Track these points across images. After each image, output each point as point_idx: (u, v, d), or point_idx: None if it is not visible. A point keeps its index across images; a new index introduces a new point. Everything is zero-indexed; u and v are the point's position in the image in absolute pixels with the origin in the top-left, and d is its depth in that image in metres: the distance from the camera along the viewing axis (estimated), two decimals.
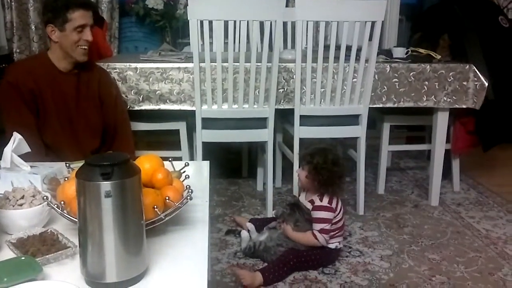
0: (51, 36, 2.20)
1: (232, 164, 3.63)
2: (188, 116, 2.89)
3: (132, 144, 2.54)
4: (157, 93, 2.65)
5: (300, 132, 2.73)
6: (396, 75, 2.75)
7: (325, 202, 2.27)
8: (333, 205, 2.27)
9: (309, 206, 2.29)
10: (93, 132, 2.36)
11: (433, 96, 2.80)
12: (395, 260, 2.36)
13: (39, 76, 2.20)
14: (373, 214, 2.91)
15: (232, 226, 2.69)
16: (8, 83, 2.18)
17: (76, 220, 1.07)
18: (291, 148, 2.82)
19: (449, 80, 2.79)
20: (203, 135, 2.67)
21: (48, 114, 2.22)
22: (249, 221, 2.59)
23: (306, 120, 2.72)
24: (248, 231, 2.50)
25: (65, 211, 1.14)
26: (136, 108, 2.67)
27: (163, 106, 2.67)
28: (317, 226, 2.24)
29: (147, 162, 1.28)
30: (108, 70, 2.61)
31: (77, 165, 1.36)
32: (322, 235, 2.23)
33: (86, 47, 2.21)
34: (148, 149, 2.91)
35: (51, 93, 2.22)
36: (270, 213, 2.78)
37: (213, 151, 2.69)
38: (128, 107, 2.65)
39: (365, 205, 2.91)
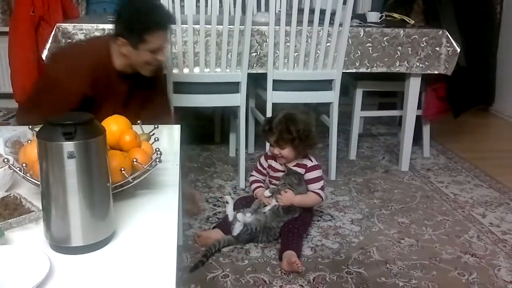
0: (119, 48, 1.94)
1: (205, 130, 3.59)
2: None
3: (169, 106, 2.36)
4: None
5: (273, 97, 2.70)
6: (370, 39, 2.73)
7: (314, 161, 2.33)
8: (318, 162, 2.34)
9: (300, 170, 2.28)
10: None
11: (405, 62, 2.80)
12: (365, 223, 2.40)
13: (96, 80, 1.97)
14: (345, 179, 2.93)
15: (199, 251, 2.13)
16: (65, 75, 1.93)
17: (38, 183, 1.04)
18: (263, 113, 2.79)
19: (422, 45, 2.79)
20: (174, 100, 2.62)
21: (99, 112, 2.01)
22: (235, 206, 2.29)
23: (279, 84, 2.69)
24: (227, 203, 2.29)
25: (27, 174, 1.10)
26: None
27: None
28: (318, 185, 2.27)
29: (114, 123, 1.24)
30: (73, 31, 2.51)
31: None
32: (324, 192, 2.29)
33: (155, 66, 2.01)
34: None
35: (105, 94, 2.00)
36: (243, 179, 2.77)
37: (185, 117, 2.65)
38: None
39: (337, 170, 2.93)
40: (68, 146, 0.90)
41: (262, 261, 2.06)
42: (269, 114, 2.70)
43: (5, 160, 1.15)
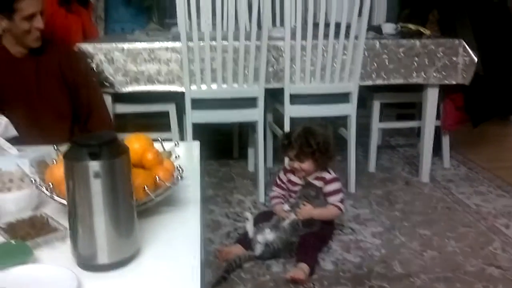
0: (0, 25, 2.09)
1: (223, 145, 3.61)
2: (177, 97, 2.86)
3: (109, 122, 2.43)
4: (145, 74, 2.61)
5: (291, 111, 2.71)
6: (386, 51, 2.74)
7: (333, 174, 2.33)
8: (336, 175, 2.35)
9: (318, 183, 2.28)
10: (60, 116, 2.25)
11: (422, 72, 2.79)
12: (387, 236, 2.38)
13: None
14: (364, 192, 2.91)
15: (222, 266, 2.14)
16: None
17: (65, 202, 1.06)
18: (281, 127, 2.81)
19: (439, 55, 2.78)
20: (193, 116, 2.65)
21: (9, 103, 2.10)
22: (255, 221, 2.27)
23: (297, 98, 2.70)
24: (248, 220, 2.26)
25: (54, 194, 1.12)
26: (124, 90, 2.63)
27: (151, 88, 2.64)
28: (337, 197, 2.28)
29: (136, 142, 1.26)
30: (94, 52, 2.56)
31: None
32: (343, 204, 2.30)
33: (38, 33, 2.10)
34: (137, 132, 2.87)
35: (9, 81, 2.13)
36: (262, 193, 2.78)
37: (203, 132, 2.67)
38: (116, 89, 2.62)
39: (356, 183, 2.92)
40: (94, 165, 0.92)
41: (284, 276, 2.05)
42: (287, 128, 2.71)
43: (33, 180, 1.18)
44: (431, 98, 2.93)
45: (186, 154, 1.74)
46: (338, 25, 2.57)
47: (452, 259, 2.18)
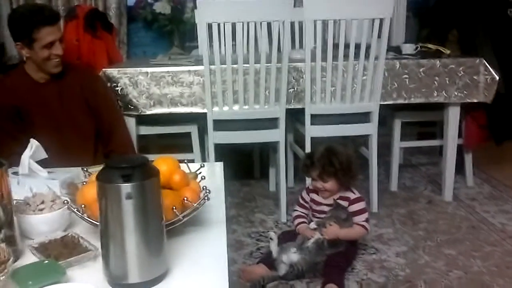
0: (21, 53, 2.18)
1: (244, 165, 3.64)
2: (199, 119, 2.90)
3: (130, 144, 2.49)
4: (168, 96, 2.66)
5: (311, 131, 2.73)
6: (406, 71, 2.75)
7: (357, 193, 2.34)
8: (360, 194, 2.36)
9: (343, 203, 2.29)
10: (84, 138, 2.32)
11: (444, 91, 2.79)
12: (411, 256, 2.36)
13: (20, 90, 2.20)
14: (387, 211, 2.90)
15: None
16: None
17: (97, 223, 1.09)
18: (302, 147, 2.82)
19: (460, 74, 2.78)
20: (215, 137, 2.69)
21: (34, 127, 2.20)
22: (278, 239, 2.26)
23: (317, 119, 2.72)
24: (272, 239, 2.22)
25: (85, 215, 1.15)
26: (148, 112, 2.68)
27: (174, 110, 2.69)
28: (362, 217, 2.27)
29: (163, 164, 1.29)
30: (118, 75, 2.63)
31: (95, 169, 1.38)
32: (368, 224, 2.29)
33: (58, 60, 2.18)
34: (159, 152, 2.93)
35: (34, 105, 2.21)
36: (284, 213, 2.79)
37: (224, 153, 2.71)
38: (140, 111, 2.67)
39: (379, 202, 2.91)
40: (126, 187, 0.95)
41: None
42: (308, 148, 2.73)
43: (65, 201, 1.22)
44: (453, 116, 2.92)
45: (210, 175, 1.77)
46: (357, 46, 2.60)
47: (479, 279, 2.15)
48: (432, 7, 3.91)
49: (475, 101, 2.84)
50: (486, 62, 2.78)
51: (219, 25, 2.54)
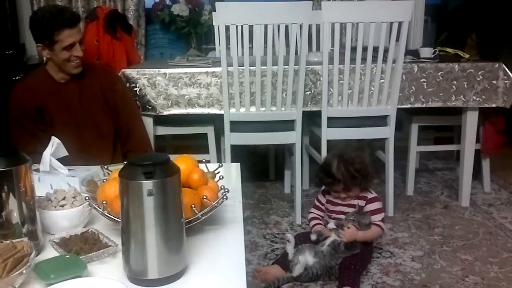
0: (41, 54, 2.22)
1: (259, 167, 3.65)
2: (215, 120, 2.92)
3: (148, 144, 2.51)
4: (185, 97, 2.69)
5: (328, 134, 2.73)
6: (424, 75, 2.74)
7: (374, 193, 2.36)
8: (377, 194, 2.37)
9: (360, 202, 2.31)
10: (103, 138, 2.35)
11: (462, 96, 2.78)
12: (427, 260, 2.35)
13: (40, 90, 2.23)
14: (403, 215, 2.89)
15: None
16: (13, 105, 2.23)
17: (117, 219, 1.11)
18: (318, 150, 2.82)
19: (478, 79, 2.76)
20: (232, 138, 2.70)
21: (55, 126, 2.23)
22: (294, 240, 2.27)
23: (334, 121, 2.72)
24: (289, 241, 2.23)
25: (106, 211, 1.17)
26: (165, 113, 2.71)
27: (191, 111, 2.71)
28: (379, 217, 2.28)
29: (182, 163, 1.30)
30: (137, 76, 2.66)
31: (115, 167, 1.40)
32: (384, 224, 2.31)
33: (78, 61, 2.21)
34: (176, 153, 2.95)
35: (55, 105, 2.24)
36: (299, 215, 2.79)
37: (240, 154, 2.72)
38: (157, 112, 2.70)
39: (395, 206, 2.89)
40: (148, 184, 0.96)
41: None
42: (324, 151, 2.72)
43: (86, 198, 1.24)
44: (471, 121, 2.90)
45: (227, 175, 1.78)
46: (375, 49, 2.60)
47: (496, 285, 2.12)
48: (451, 11, 3.89)
49: (494, 106, 2.82)
50: (505, 67, 2.76)
51: (237, 27, 2.55)
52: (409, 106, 2.78)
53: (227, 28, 2.52)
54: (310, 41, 3.41)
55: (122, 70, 2.69)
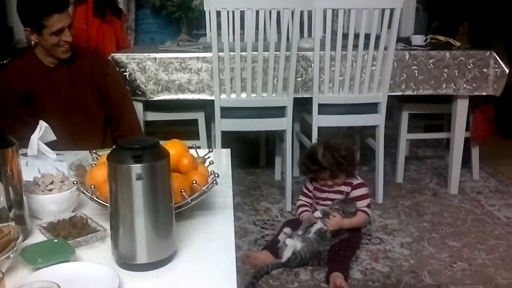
0: (30, 38, 2.18)
1: (250, 154, 3.64)
2: (206, 106, 2.90)
3: (138, 127, 2.48)
4: (176, 83, 2.66)
5: (319, 120, 2.73)
6: (415, 62, 2.74)
7: (359, 179, 2.36)
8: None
9: (346, 188, 2.31)
10: (93, 123, 2.32)
11: (452, 84, 2.78)
12: (416, 247, 2.36)
13: (30, 75, 2.20)
14: (392, 202, 2.90)
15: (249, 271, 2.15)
16: (1, 90, 2.19)
17: (106, 204, 1.10)
18: (309, 137, 2.82)
19: (469, 67, 2.76)
20: (222, 124, 2.69)
21: (44, 111, 2.19)
22: (283, 227, 2.32)
23: (325, 108, 2.72)
24: (289, 236, 2.23)
25: (94, 196, 1.16)
26: (155, 98, 2.68)
27: (182, 96, 2.69)
28: (364, 202, 2.29)
29: (172, 147, 1.29)
30: (127, 61, 2.63)
31: (104, 152, 1.38)
32: (370, 210, 2.31)
33: (67, 46, 2.17)
34: (166, 139, 2.92)
35: (44, 89, 2.21)
36: (289, 202, 2.80)
37: (230, 141, 2.70)
38: (147, 97, 2.68)
39: (384, 193, 2.91)
40: (137, 168, 0.95)
41: (312, 284, 2.06)
42: (314, 137, 2.72)
43: (74, 182, 1.22)
44: (461, 109, 2.91)
45: (217, 161, 1.77)
46: (367, 36, 2.59)
47: (483, 271, 2.15)
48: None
49: (484, 94, 2.83)
50: (496, 55, 2.76)
51: (228, 12, 2.53)
52: (400, 93, 2.78)
53: (218, 14, 2.49)
54: (302, 27, 3.39)
55: (112, 54, 2.66)
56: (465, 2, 3.46)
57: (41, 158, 1.53)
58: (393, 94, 2.77)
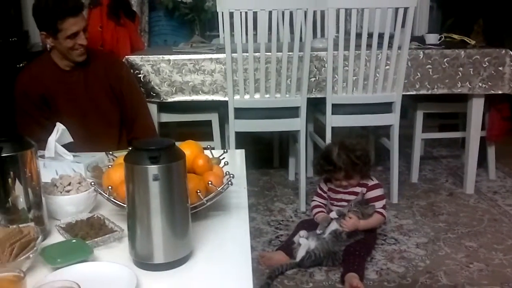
0: (45, 42, 2.21)
1: (263, 154, 3.64)
2: (220, 107, 2.91)
3: (153, 129, 2.50)
4: (189, 84, 2.68)
5: (332, 120, 2.72)
6: (430, 61, 2.72)
7: (375, 180, 2.35)
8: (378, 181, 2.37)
9: (361, 189, 2.31)
10: (109, 125, 2.35)
11: (467, 82, 2.76)
12: (431, 247, 2.35)
13: (46, 78, 2.23)
14: (407, 202, 2.88)
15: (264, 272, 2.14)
16: (18, 94, 2.23)
17: (123, 204, 1.11)
18: (322, 137, 2.82)
19: (484, 65, 2.74)
20: (236, 125, 2.70)
21: (60, 114, 2.21)
22: (298, 228, 2.34)
23: (338, 108, 2.71)
24: (305, 237, 2.21)
25: (111, 196, 1.17)
26: (169, 99, 2.70)
27: (195, 97, 2.70)
28: (380, 204, 2.28)
29: (187, 148, 1.30)
30: (141, 63, 2.65)
31: (121, 153, 1.40)
32: (385, 210, 2.30)
33: (82, 49, 2.19)
34: (180, 140, 2.94)
35: (60, 92, 2.24)
36: (303, 202, 2.79)
37: (244, 141, 2.71)
38: (162, 99, 2.69)
39: (399, 193, 2.89)
40: (153, 169, 0.96)
41: (327, 284, 2.06)
42: (328, 138, 2.71)
43: (92, 183, 1.24)
44: (476, 108, 2.88)
45: (231, 162, 1.78)
46: (381, 36, 2.57)
47: (500, 272, 2.13)
48: None
49: (500, 92, 2.80)
50: None
51: (241, 13, 2.53)
52: (414, 92, 2.77)
53: (231, 15, 2.50)
54: (315, 27, 3.39)
55: (126, 56, 2.69)
56: (479, 0, 3.42)
57: (58, 160, 1.55)
58: (408, 93, 2.75)
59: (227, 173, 1.32)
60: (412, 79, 2.74)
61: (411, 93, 2.76)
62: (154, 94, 2.68)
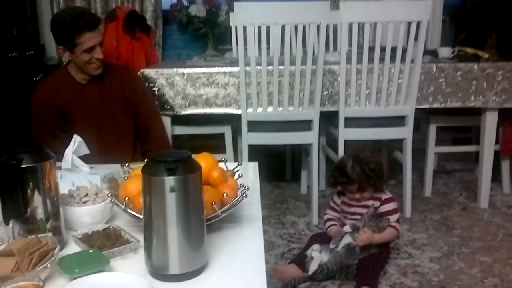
0: (62, 55, 2.26)
1: (276, 167, 3.65)
2: (233, 120, 2.93)
3: (167, 142, 2.52)
4: (203, 97, 2.70)
5: (345, 134, 2.72)
6: (443, 75, 2.72)
7: (388, 194, 2.34)
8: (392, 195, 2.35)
9: (375, 203, 2.29)
10: (123, 137, 2.37)
11: (481, 96, 2.75)
12: (445, 262, 2.33)
13: (62, 91, 2.26)
14: (421, 216, 2.87)
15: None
16: (35, 106, 2.26)
17: (139, 216, 1.13)
18: (335, 150, 2.82)
19: (498, 79, 2.73)
20: (249, 138, 2.71)
21: (76, 126, 2.24)
22: (310, 241, 2.34)
23: (351, 122, 2.72)
24: (318, 251, 2.21)
25: (128, 208, 1.19)
26: (183, 112, 2.73)
27: (209, 110, 2.73)
28: (393, 218, 2.27)
29: (202, 160, 1.31)
30: (156, 76, 2.69)
31: (137, 165, 1.42)
32: (399, 224, 2.29)
33: (98, 63, 2.23)
34: (193, 153, 2.96)
35: (77, 105, 2.27)
36: (316, 215, 2.79)
37: (256, 154, 2.72)
38: (175, 112, 2.72)
39: (412, 207, 2.87)
40: (170, 180, 0.98)
41: None
42: (341, 151, 2.72)
43: (109, 194, 1.25)
44: (490, 122, 2.87)
45: (245, 174, 1.79)
46: (393, 49, 2.58)
47: None
48: (469, 10, 3.86)
49: None
50: None
51: (254, 27, 2.56)
52: (427, 106, 2.76)
53: (244, 29, 2.53)
54: (328, 41, 3.40)
55: (141, 70, 2.72)
56: (492, 13, 3.42)
57: (75, 171, 1.57)
58: (421, 107, 2.75)
59: (242, 185, 1.33)
60: (425, 92, 2.74)
61: (424, 106, 2.76)
62: (168, 107, 2.71)
